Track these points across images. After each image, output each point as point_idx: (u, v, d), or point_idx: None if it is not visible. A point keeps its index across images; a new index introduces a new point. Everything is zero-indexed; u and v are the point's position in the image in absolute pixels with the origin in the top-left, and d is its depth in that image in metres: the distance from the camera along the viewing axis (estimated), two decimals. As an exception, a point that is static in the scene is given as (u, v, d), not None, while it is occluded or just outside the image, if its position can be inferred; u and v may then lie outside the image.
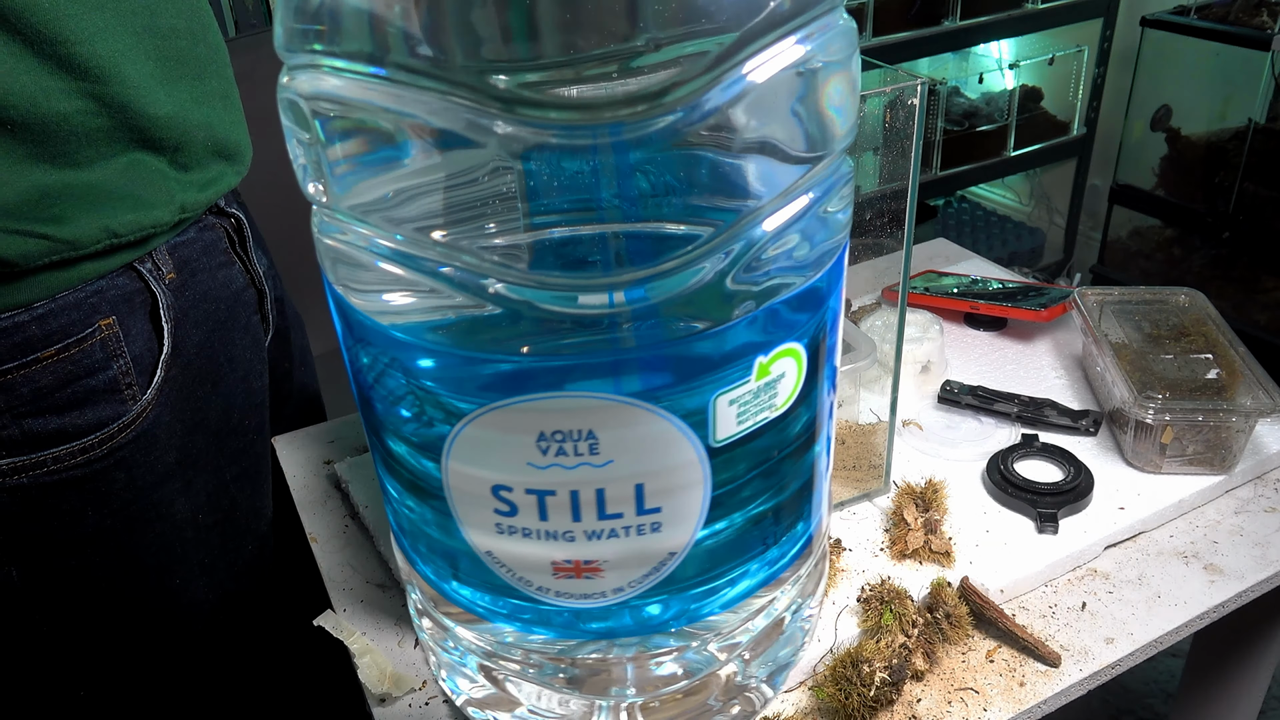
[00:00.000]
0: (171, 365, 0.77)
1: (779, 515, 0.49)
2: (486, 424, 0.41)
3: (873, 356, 0.84)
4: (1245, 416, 0.85)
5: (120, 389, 0.73)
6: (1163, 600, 0.78)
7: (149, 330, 0.75)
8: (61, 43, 0.66)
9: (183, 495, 0.81)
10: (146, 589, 0.81)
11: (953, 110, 2.51)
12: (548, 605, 0.46)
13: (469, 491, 0.44)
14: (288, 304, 1.02)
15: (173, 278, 0.78)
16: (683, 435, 0.42)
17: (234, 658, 0.95)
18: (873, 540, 0.83)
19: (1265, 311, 2.25)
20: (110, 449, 0.73)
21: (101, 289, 0.72)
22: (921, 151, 0.74)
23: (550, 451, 0.41)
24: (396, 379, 0.43)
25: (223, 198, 0.85)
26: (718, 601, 0.49)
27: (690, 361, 0.41)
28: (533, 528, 0.44)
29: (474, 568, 0.47)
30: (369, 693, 0.72)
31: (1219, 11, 2.25)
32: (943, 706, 0.70)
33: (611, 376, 0.40)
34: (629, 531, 0.44)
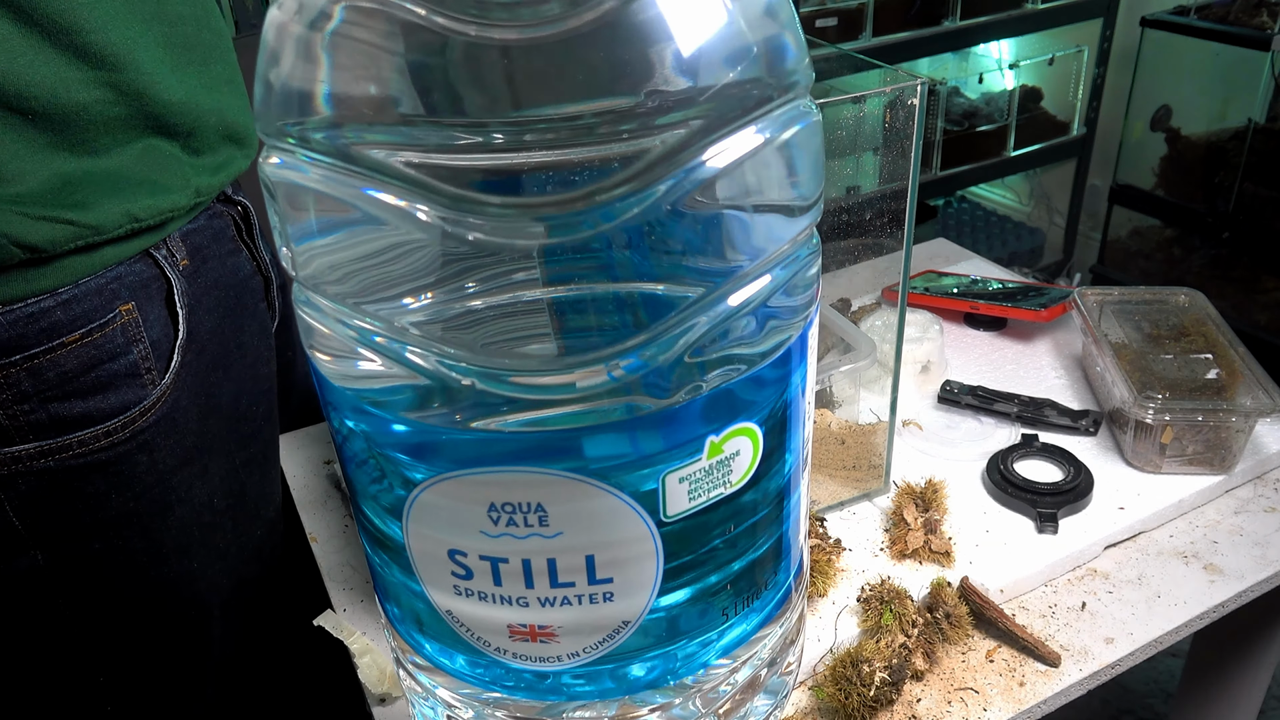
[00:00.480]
0: (187, 350, 0.78)
1: (740, 585, 0.49)
2: (440, 492, 0.42)
3: (873, 356, 0.84)
4: (1245, 416, 0.85)
5: (140, 373, 0.74)
6: (1163, 600, 0.78)
7: (165, 316, 0.76)
8: (77, 31, 0.67)
9: (200, 479, 0.81)
10: (168, 573, 0.81)
11: (953, 110, 2.51)
12: (506, 665, 0.47)
13: (428, 553, 0.45)
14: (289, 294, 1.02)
15: (186, 264, 0.78)
16: (632, 510, 0.42)
17: (246, 644, 0.95)
18: (873, 540, 0.83)
19: (1265, 311, 2.25)
20: (133, 432, 0.74)
21: (121, 275, 0.73)
22: (921, 151, 0.74)
23: (501, 521, 0.41)
24: (359, 442, 0.44)
25: (230, 185, 0.86)
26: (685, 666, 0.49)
27: (638, 441, 0.41)
28: (488, 591, 0.44)
29: (437, 624, 0.48)
30: (369, 693, 0.72)
31: (1219, 11, 2.25)
32: (943, 706, 0.70)
33: (558, 454, 0.40)
34: (581, 600, 0.44)
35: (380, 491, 0.44)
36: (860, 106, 0.84)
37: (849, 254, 0.90)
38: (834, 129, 0.88)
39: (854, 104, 0.84)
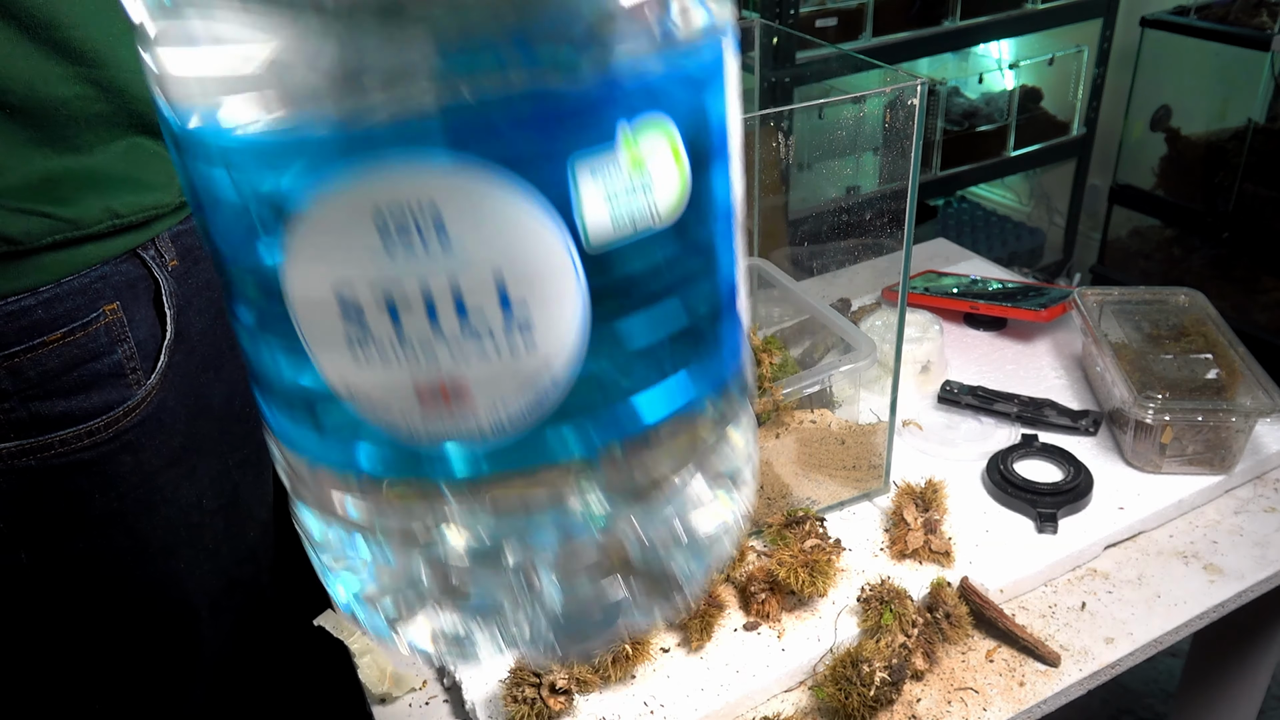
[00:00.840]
0: (175, 350, 0.78)
1: (677, 347, 0.45)
2: (320, 215, 0.37)
3: (873, 356, 0.84)
4: (1245, 416, 0.85)
5: (125, 373, 0.74)
6: (1162, 600, 0.78)
7: (152, 316, 0.76)
8: (56, 27, 0.66)
9: (188, 480, 0.81)
10: (154, 573, 0.81)
11: (953, 110, 2.51)
12: (420, 451, 0.42)
13: (314, 303, 0.39)
14: None
15: (175, 264, 0.78)
16: (545, 220, 0.37)
17: (238, 645, 0.95)
18: (873, 540, 0.83)
19: (1265, 311, 2.25)
20: (116, 432, 0.74)
21: (106, 275, 0.72)
22: (921, 151, 0.74)
23: (392, 233, 0.37)
24: (226, 189, 0.40)
25: None
26: (615, 433, 0.45)
27: (539, 120, 0.36)
28: (386, 341, 0.39)
29: (340, 417, 0.43)
30: (369, 692, 0.72)
31: (1219, 11, 2.25)
32: (943, 706, 0.70)
33: (444, 135, 0.35)
34: (498, 345, 0.39)
35: (254, 242, 0.40)
36: (860, 106, 0.84)
37: (849, 254, 0.90)
38: (834, 129, 0.89)
39: (854, 104, 0.84)
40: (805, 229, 0.94)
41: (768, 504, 0.83)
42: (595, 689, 0.70)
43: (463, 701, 0.71)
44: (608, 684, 0.71)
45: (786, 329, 0.95)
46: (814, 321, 0.93)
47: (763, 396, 0.78)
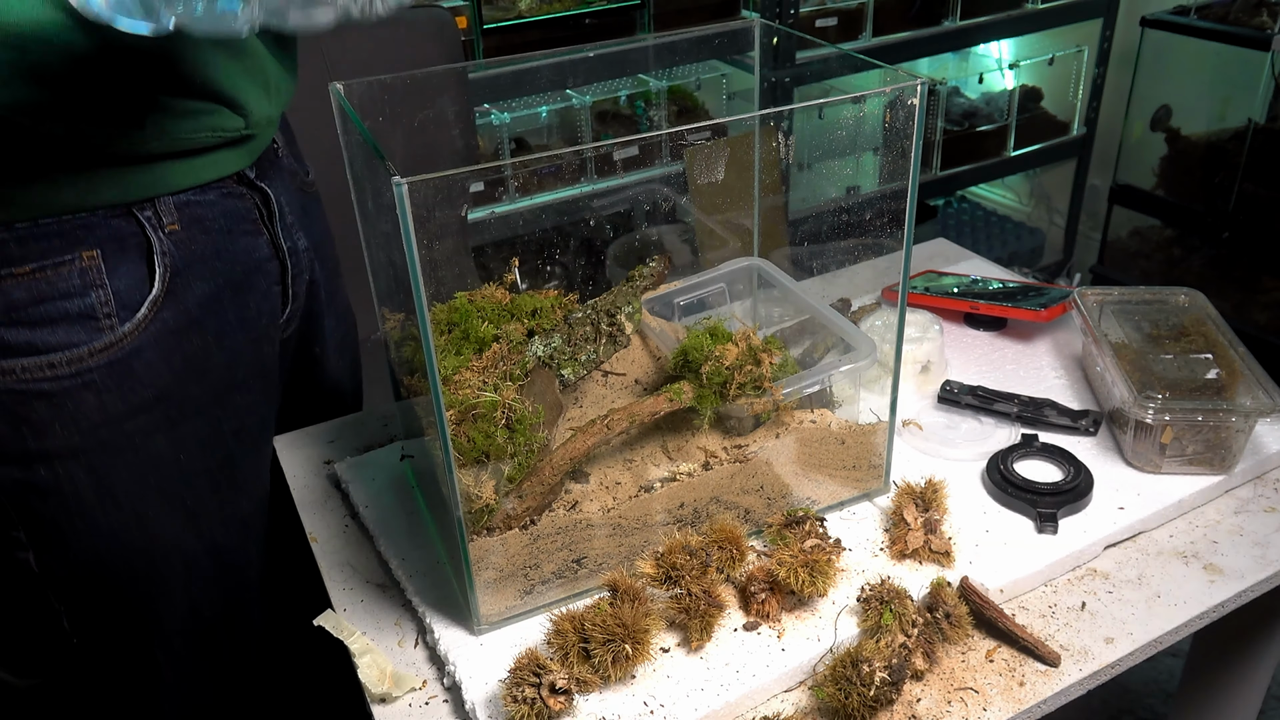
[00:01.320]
0: (164, 308, 0.81)
1: None
2: None
3: (873, 356, 0.84)
4: (1245, 416, 0.85)
5: (97, 317, 0.78)
6: (1163, 600, 0.78)
7: (141, 271, 0.80)
8: None
9: (163, 433, 0.84)
10: (121, 517, 0.85)
11: (953, 110, 2.51)
12: None
13: None
14: (334, 294, 1.06)
15: (175, 229, 0.81)
16: None
17: (215, 616, 0.97)
18: (873, 540, 0.83)
19: (1265, 311, 2.25)
20: (78, 370, 0.78)
21: (90, 224, 0.76)
22: (921, 151, 0.74)
23: None
24: None
25: (252, 169, 0.88)
26: None
27: None
28: None
29: None
30: (369, 692, 0.72)
31: (1219, 11, 2.25)
32: (943, 706, 0.70)
33: None
34: None
35: None
36: (860, 106, 0.84)
37: (849, 254, 0.90)
38: (834, 129, 0.89)
39: (854, 104, 0.84)
40: (805, 229, 0.94)
41: (768, 504, 0.83)
42: (595, 689, 0.70)
43: (462, 701, 0.71)
44: (608, 684, 0.71)
45: (786, 329, 0.95)
46: (814, 321, 0.93)
47: (763, 396, 0.78)
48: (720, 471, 0.81)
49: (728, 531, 0.77)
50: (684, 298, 0.97)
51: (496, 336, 0.81)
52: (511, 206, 1.86)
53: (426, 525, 0.87)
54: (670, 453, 0.83)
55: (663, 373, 0.88)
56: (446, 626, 0.76)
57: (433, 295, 0.64)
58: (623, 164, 1.92)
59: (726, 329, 0.81)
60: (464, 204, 1.59)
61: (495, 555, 0.74)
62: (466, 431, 0.72)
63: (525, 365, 0.80)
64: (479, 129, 1.86)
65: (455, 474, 0.69)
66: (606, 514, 0.78)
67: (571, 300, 0.87)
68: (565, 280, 1.27)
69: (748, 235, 0.99)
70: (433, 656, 0.76)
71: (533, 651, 0.69)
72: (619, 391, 0.88)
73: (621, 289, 0.87)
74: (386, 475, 0.94)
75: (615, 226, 1.69)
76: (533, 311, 0.85)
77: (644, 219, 1.50)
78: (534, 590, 0.76)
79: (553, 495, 0.77)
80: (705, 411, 0.79)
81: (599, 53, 0.92)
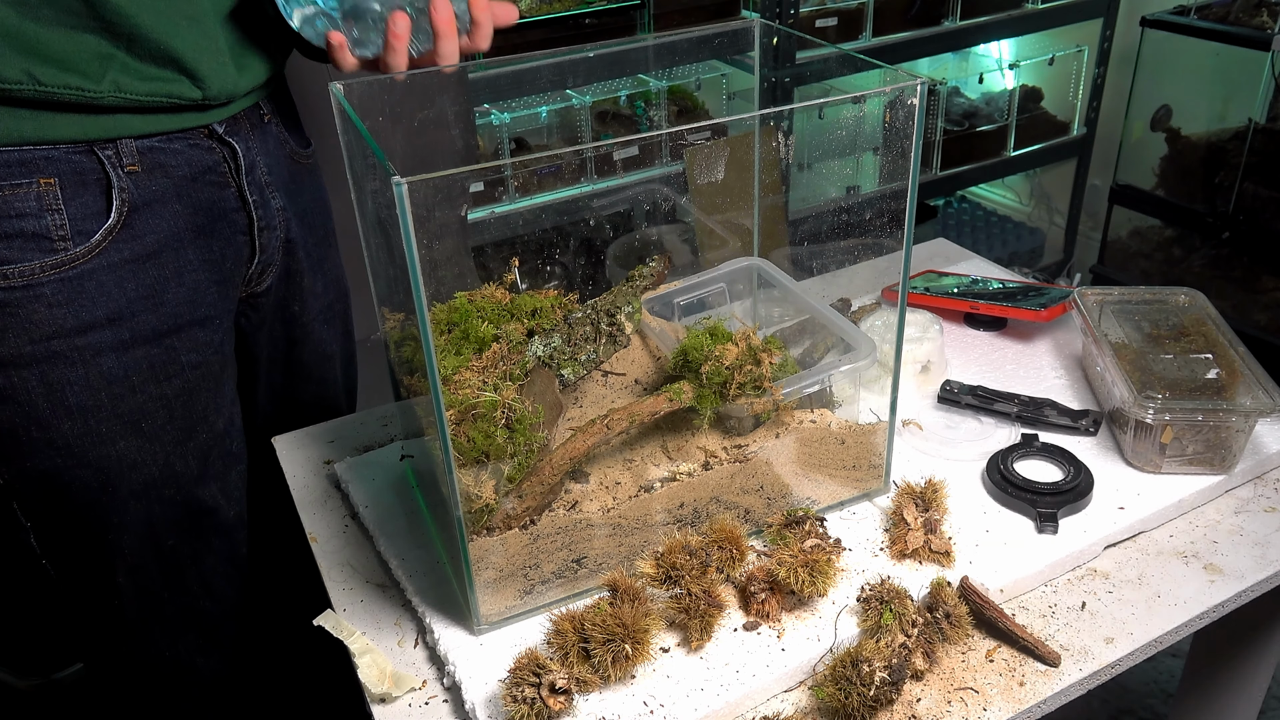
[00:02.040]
0: (120, 239, 0.88)
1: None
2: None
3: (873, 356, 0.84)
4: (1245, 416, 0.85)
5: (51, 238, 0.85)
6: (1163, 600, 0.78)
7: (99, 202, 0.87)
8: None
9: (113, 352, 0.90)
10: (74, 428, 0.90)
11: (953, 110, 2.50)
12: None
13: None
14: (322, 260, 1.12)
15: (134, 169, 0.88)
16: None
17: (164, 540, 1.01)
18: (873, 540, 0.83)
19: (1265, 311, 2.25)
20: (28, 283, 0.85)
21: (51, 157, 0.84)
22: (921, 151, 0.74)
23: None
24: None
25: (222, 124, 0.94)
26: None
27: None
28: None
29: None
30: (369, 692, 0.72)
31: (1219, 11, 2.25)
32: (943, 706, 0.70)
33: None
34: None
35: None
36: (860, 106, 0.84)
37: (849, 254, 0.90)
38: (834, 129, 0.88)
39: (854, 104, 0.84)
40: (805, 229, 0.94)
41: (768, 504, 0.83)
42: (595, 689, 0.70)
43: (462, 701, 0.71)
44: (608, 684, 0.71)
45: (786, 329, 0.95)
46: (814, 321, 0.93)
47: (763, 396, 0.78)
48: (720, 471, 0.81)
49: (728, 531, 0.77)
50: (684, 298, 0.97)
51: (496, 336, 0.81)
52: (511, 206, 1.86)
53: (426, 525, 0.87)
54: (670, 453, 0.83)
55: (663, 373, 0.88)
56: (446, 626, 0.76)
57: (433, 295, 0.64)
58: (623, 164, 1.92)
59: (726, 329, 0.81)
60: (464, 204, 1.59)
61: (495, 555, 0.74)
62: (466, 431, 0.72)
63: (525, 365, 0.80)
64: (479, 129, 1.86)
65: (455, 474, 0.69)
66: (606, 514, 0.78)
67: (571, 300, 0.87)
68: (565, 280, 1.27)
69: (748, 235, 0.99)
70: (433, 656, 0.76)
71: (533, 651, 0.69)
72: (619, 391, 0.88)
73: (621, 289, 0.87)
74: (386, 475, 0.94)
75: (615, 226, 1.69)
76: (533, 311, 0.85)
77: (644, 219, 1.50)
78: (534, 590, 0.76)
79: (553, 495, 0.77)
80: (705, 411, 0.79)
81: (599, 53, 0.92)
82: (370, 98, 0.80)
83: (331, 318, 1.16)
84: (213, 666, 1.09)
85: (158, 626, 1.04)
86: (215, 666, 1.09)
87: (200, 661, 1.08)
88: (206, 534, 1.03)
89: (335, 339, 1.18)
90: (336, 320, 1.18)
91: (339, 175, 1.06)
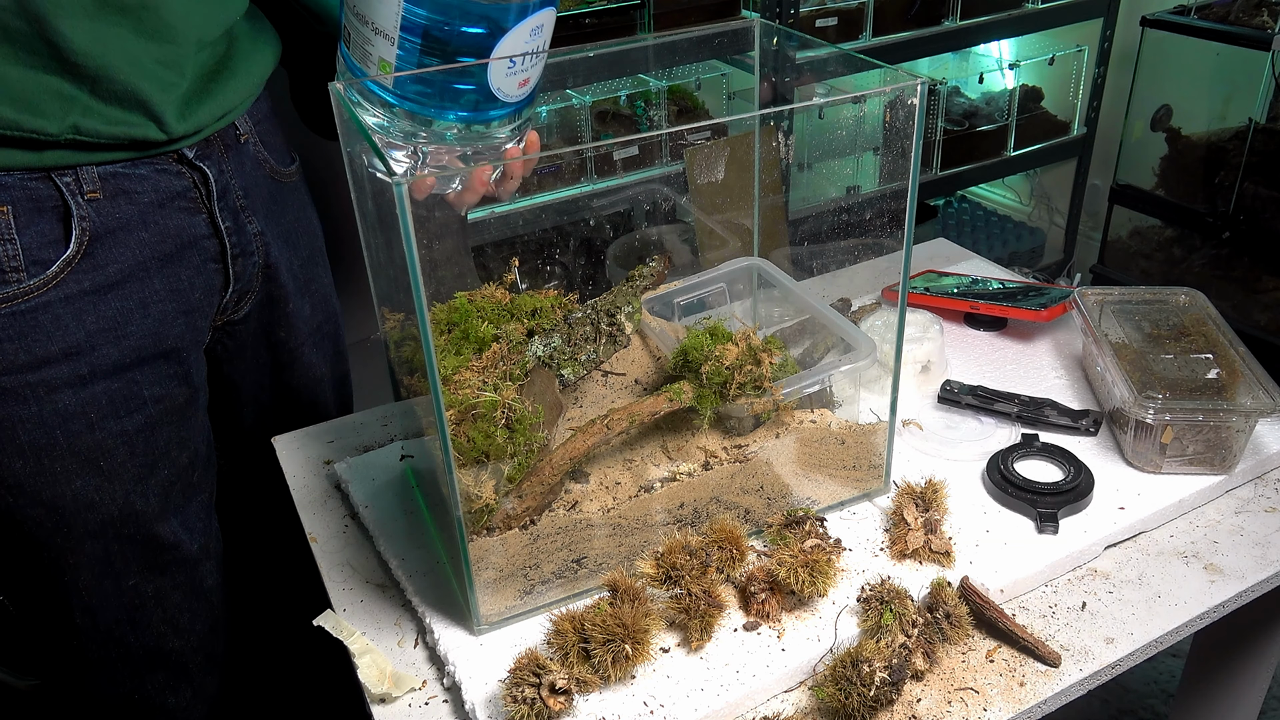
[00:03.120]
0: (80, 269, 0.85)
1: None
2: None
3: (873, 356, 0.84)
4: (1245, 416, 0.85)
5: (3, 269, 0.82)
6: (1163, 600, 0.78)
7: (55, 231, 0.83)
8: None
9: (70, 388, 0.86)
10: (25, 467, 0.87)
11: (953, 110, 2.50)
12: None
13: None
14: (309, 281, 1.08)
15: (95, 196, 0.84)
16: None
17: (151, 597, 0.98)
18: (873, 540, 0.83)
19: (1265, 311, 2.25)
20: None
21: (4, 183, 0.80)
22: (921, 151, 0.74)
23: None
24: None
25: (193, 149, 0.90)
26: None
27: None
28: None
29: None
30: (369, 692, 0.72)
31: (1219, 11, 2.25)
32: (943, 706, 0.70)
33: None
34: None
35: None
36: (860, 106, 0.84)
37: (849, 254, 0.90)
38: (834, 129, 0.89)
39: (854, 104, 0.84)
40: (805, 229, 0.94)
41: (768, 504, 0.83)
42: (595, 689, 0.70)
43: (462, 702, 0.71)
44: (608, 684, 0.71)
45: (786, 329, 0.95)
46: (814, 321, 0.93)
47: (763, 396, 0.78)
48: (720, 471, 0.81)
49: (728, 531, 0.77)
50: (684, 298, 0.97)
51: (496, 336, 0.81)
52: (511, 206, 1.86)
53: (426, 525, 0.87)
54: (670, 453, 0.83)
55: (663, 373, 0.88)
56: (446, 626, 0.76)
57: (433, 295, 0.64)
58: (623, 164, 1.92)
59: (726, 329, 0.81)
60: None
61: (495, 555, 0.74)
62: (466, 431, 0.72)
63: (525, 365, 0.80)
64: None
65: (455, 474, 0.69)
66: (606, 514, 0.77)
67: (571, 300, 0.87)
68: (565, 280, 1.27)
69: (748, 235, 0.99)
70: (433, 656, 0.76)
71: (533, 652, 0.69)
72: (619, 391, 0.88)
73: (621, 289, 0.87)
74: (386, 475, 0.94)
75: (615, 226, 1.69)
76: (533, 311, 0.85)
77: (644, 219, 1.50)
78: (534, 590, 0.76)
79: (553, 495, 0.77)
80: (705, 411, 0.79)
81: (599, 53, 0.92)
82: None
83: (321, 340, 1.12)
84: (183, 703, 1.05)
85: (122, 666, 1.00)
86: (186, 702, 1.05)
87: (170, 700, 1.04)
88: (169, 570, 0.99)
89: (325, 361, 1.14)
90: (326, 342, 1.14)
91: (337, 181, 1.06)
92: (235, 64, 0.91)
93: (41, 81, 0.78)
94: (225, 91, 0.90)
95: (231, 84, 0.91)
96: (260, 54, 0.95)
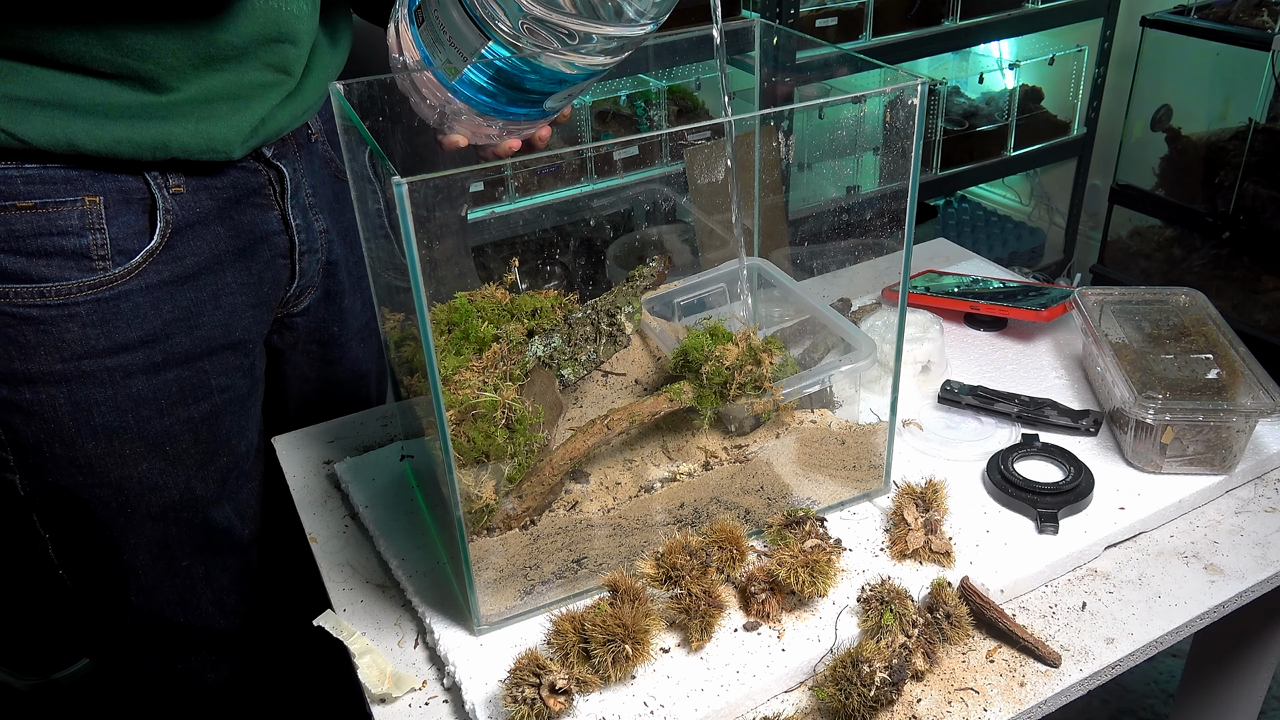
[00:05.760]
0: (160, 260, 0.87)
1: None
2: None
3: (873, 356, 0.84)
4: (1245, 416, 0.85)
5: (91, 257, 0.84)
6: (1163, 600, 0.78)
7: (142, 222, 0.86)
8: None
9: (144, 374, 0.89)
10: (97, 448, 0.89)
11: (953, 110, 2.50)
12: None
13: None
14: (362, 278, 1.10)
15: (180, 191, 0.87)
16: None
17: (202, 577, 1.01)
18: (873, 540, 0.83)
19: (1265, 311, 2.25)
20: (65, 302, 0.84)
21: (97, 175, 0.83)
22: (922, 151, 0.75)
23: None
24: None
25: (270, 148, 0.93)
26: None
27: None
28: None
29: None
30: (369, 692, 0.72)
31: (1219, 11, 2.25)
32: (943, 706, 0.70)
33: None
34: None
35: None
36: (860, 106, 0.84)
37: (849, 254, 0.90)
38: (834, 129, 0.88)
39: (854, 104, 0.84)
40: (805, 229, 0.94)
41: (768, 504, 0.83)
42: (595, 689, 0.70)
43: (462, 702, 0.71)
44: (608, 684, 0.71)
45: (786, 329, 0.95)
46: (814, 321, 0.93)
47: (763, 396, 0.78)
48: (720, 471, 0.81)
49: (728, 532, 0.77)
50: (684, 298, 0.97)
51: (496, 336, 0.81)
52: (511, 206, 1.86)
53: (426, 525, 0.87)
54: (670, 453, 0.83)
55: (663, 373, 0.88)
56: (446, 626, 0.76)
57: (433, 295, 0.64)
58: (623, 164, 1.92)
59: (726, 329, 0.81)
60: (464, 204, 1.59)
61: (495, 555, 0.74)
62: (466, 431, 0.72)
63: (525, 365, 0.80)
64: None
65: (455, 474, 0.69)
66: (606, 514, 0.77)
67: (571, 300, 0.87)
68: (565, 280, 1.27)
69: (748, 235, 0.99)
70: (433, 657, 0.76)
71: (533, 652, 0.69)
72: (619, 391, 0.88)
73: (621, 289, 0.87)
74: (386, 475, 0.94)
75: (615, 226, 1.69)
76: (533, 311, 0.85)
77: (644, 219, 1.50)
78: (534, 590, 0.76)
79: (553, 495, 0.77)
80: (705, 411, 0.79)
81: (599, 53, 0.91)
82: (370, 98, 0.80)
83: (367, 336, 1.16)
84: (222, 679, 1.08)
85: (170, 643, 1.03)
86: (225, 678, 1.09)
87: (211, 675, 1.07)
88: (221, 553, 1.02)
89: (370, 358, 1.17)
90: (372, 338, 1.17)
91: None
92: (315, 65, 0.93)
93: (146, 113, 0.81)
94: (305, 93, 0.93)
95: (309, 85, 0.93)
96: (336, 54, 0.96)
